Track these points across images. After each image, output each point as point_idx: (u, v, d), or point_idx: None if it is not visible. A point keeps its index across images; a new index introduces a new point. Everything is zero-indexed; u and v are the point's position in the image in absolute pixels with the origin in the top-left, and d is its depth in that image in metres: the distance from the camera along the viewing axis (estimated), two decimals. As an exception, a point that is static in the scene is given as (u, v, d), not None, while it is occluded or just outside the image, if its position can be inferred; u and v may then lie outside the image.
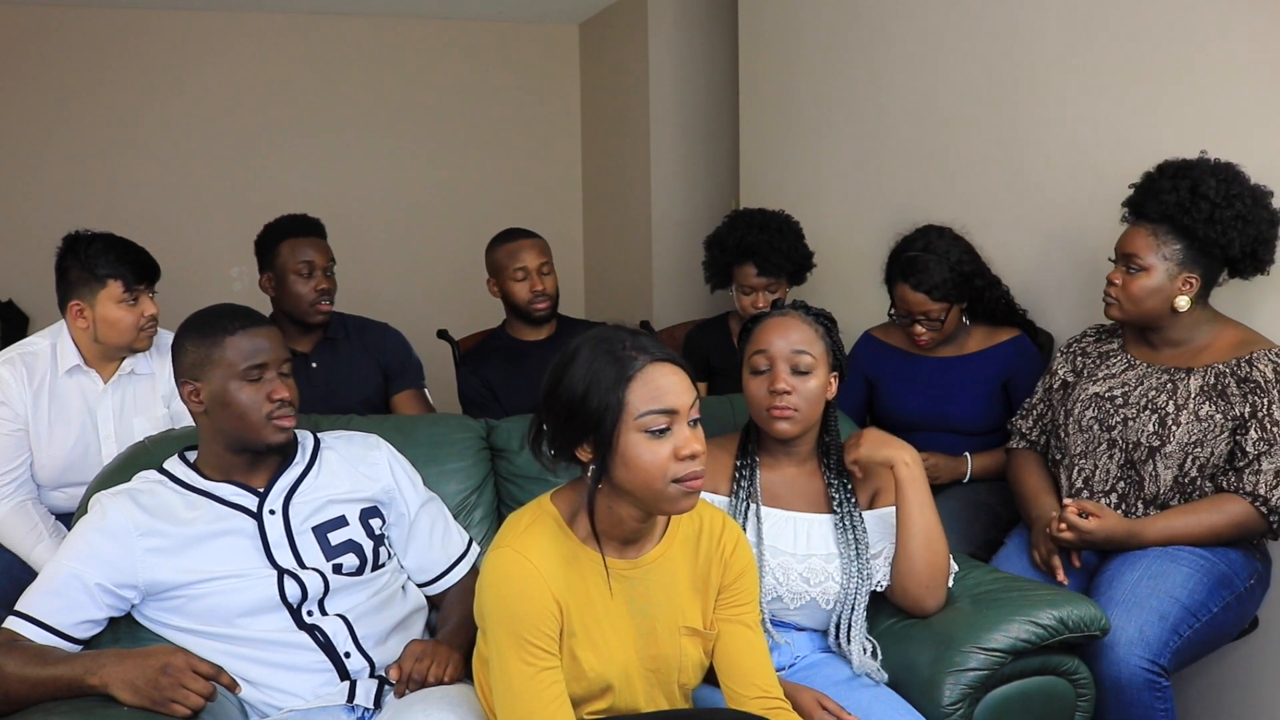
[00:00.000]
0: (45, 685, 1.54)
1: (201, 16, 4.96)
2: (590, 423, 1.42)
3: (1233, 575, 1.96)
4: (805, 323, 1.88)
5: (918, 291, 2.45)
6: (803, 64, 3.47)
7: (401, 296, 4.93)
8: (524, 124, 5.47)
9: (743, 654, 1.59)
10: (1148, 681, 1.80)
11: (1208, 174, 1.98)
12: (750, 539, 1.84)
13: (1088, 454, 2.12)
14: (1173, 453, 2.01)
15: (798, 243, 2.89)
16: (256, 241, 2.85)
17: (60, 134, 4.85)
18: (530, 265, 2.83)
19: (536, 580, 1.43)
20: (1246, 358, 1.98)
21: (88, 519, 1.71)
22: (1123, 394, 2.09)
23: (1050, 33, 2.53)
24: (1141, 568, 1.93)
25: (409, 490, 1.92)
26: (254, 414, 1.72)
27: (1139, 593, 1.88)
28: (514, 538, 1.48)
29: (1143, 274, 2.02)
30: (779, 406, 1.83)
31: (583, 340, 1.48)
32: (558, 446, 1.47)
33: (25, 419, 2.37)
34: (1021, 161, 2.65)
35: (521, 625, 1.42)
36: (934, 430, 2.56)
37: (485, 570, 1.48)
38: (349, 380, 2.82)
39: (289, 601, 1.72)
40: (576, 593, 1.49)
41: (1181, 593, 1.88)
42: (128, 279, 2.35)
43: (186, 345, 1.75)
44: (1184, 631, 1.85)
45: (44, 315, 4.15)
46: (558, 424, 1.46)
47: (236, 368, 1.71)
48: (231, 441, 1.76)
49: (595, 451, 1.44)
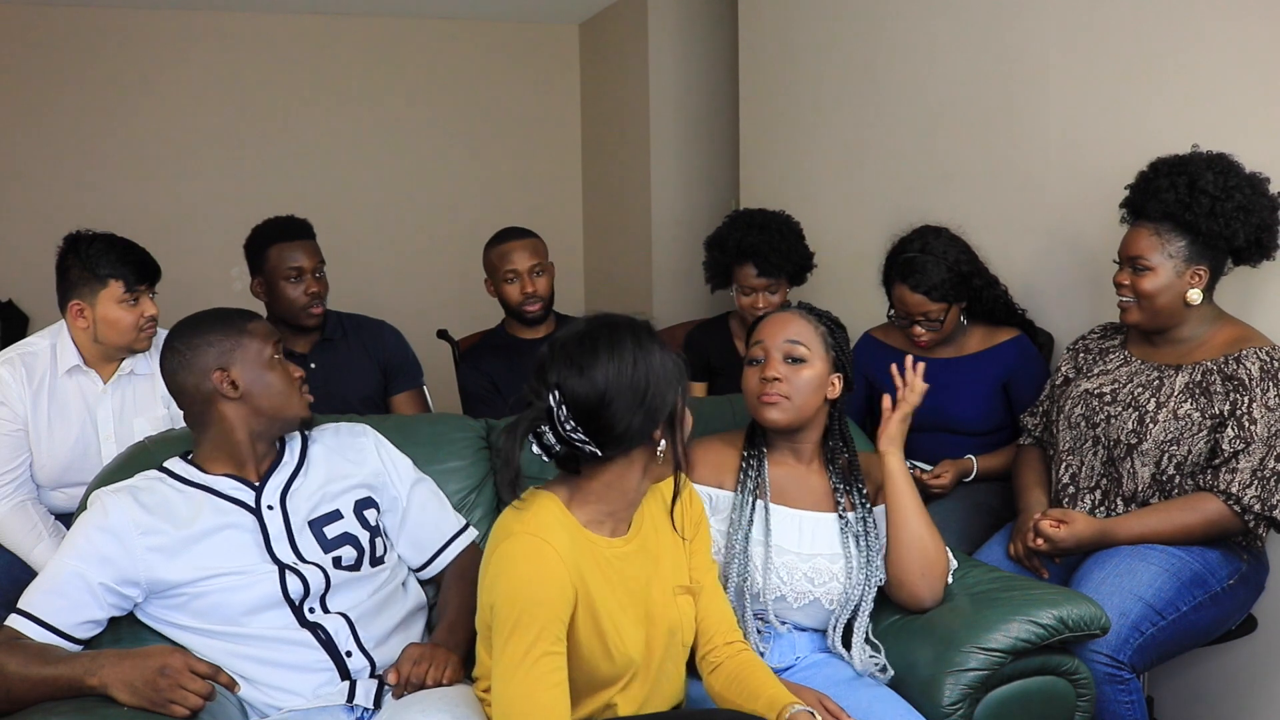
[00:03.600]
0: (45, 685, 1.54)
1: (202, 16, 4.96)
2: (675, 396, 1.51)
3: (1207, 574, 1.95)
4: (804, 318, 1.89)
5: (916, 292, 2.45)
6: (802, 64, 3.47)
7: (401, 296, 4.93)
8: (524, 124, 5.47)
9: (713, 610, 1.68)
10: (1107, 675, 1.83)
11: (1204, 168, 1.98)
12: (757, 535, 1.85)
13: (1075, 450, 2.14)
14: (1149, 450, 2.01)
15: (798, 243, 2.89)
16: (245, 246, 2.83)
17: (60, 134, 4.85)
18: (521, 268, 2.84)
19: (557, 565, 1.45)
20: (1235, 355, 1.98)
21: (89, 517, 1.70)
22: (1111, 391, 2.10)
23: (1048, 33, 2.53)
24: (1110, 566, 1.94)
25: (398, 473, 1.92)
26: (290, 389, 1.80)
27: (1103, 590, 1.89)
28: (528, 524, 1.48)
29: (1149, 273, 2.02)
30: (768, 393, 1.84)
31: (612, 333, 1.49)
32: (632, 434, 1.48)
33: (25, 419, 2.36)
34: (1020, 161, 2.65)
35: (541, 610, 1.43)
36: (934, 430, 2.56)
37: (502, 556, 1.47)
38: (349, 379, 2.81)
39: (290, 598, 1.73)
40: (590, 577, 1.51)
41: (1147, 591, 1.88)
42: (129, 279, 2.35)
43: (204, 340, 1.75)
44: (1146, 629, 1.86)
45: (44, 315, 4.15)
46: (640, 409, 1.47)
47: (266, 346, 1.79)
48: (262, 425, 1.78)
49: (667, 426, 1.52)
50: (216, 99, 5.02)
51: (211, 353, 1.75)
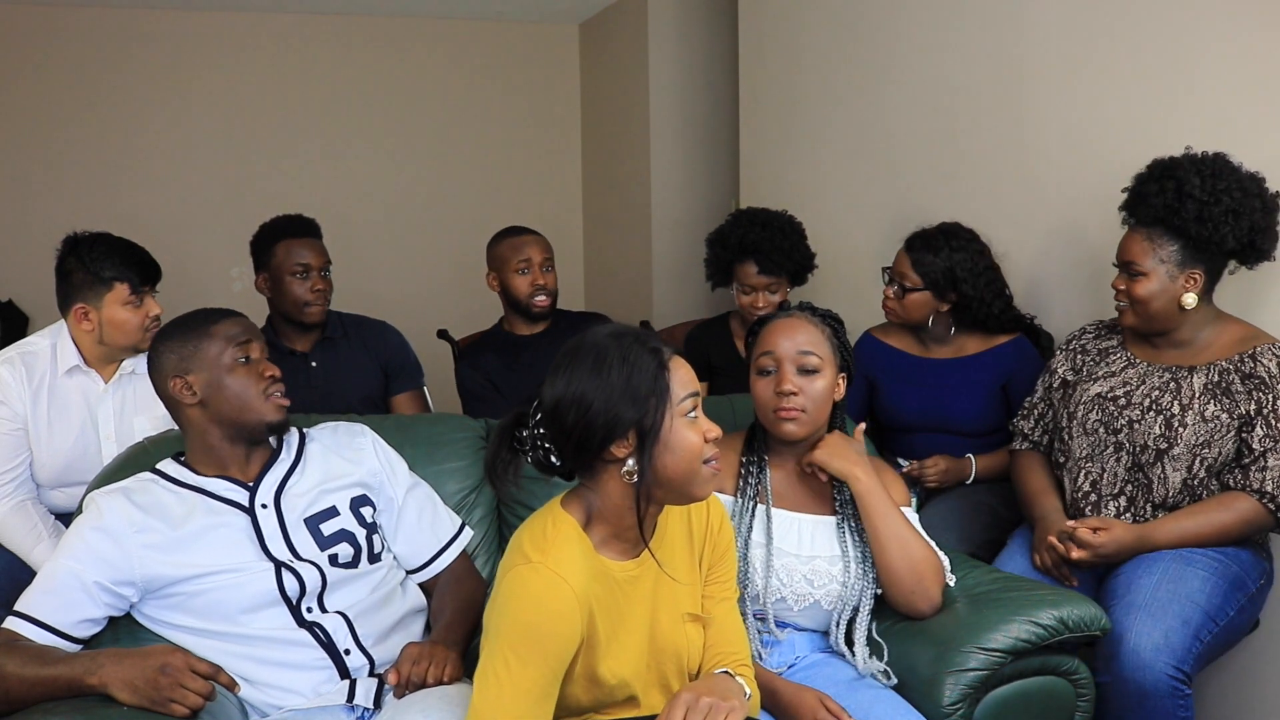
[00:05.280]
0: (44, 685, 1.54)
1: (202, 16, 4.96)
2: (639, 412, 1.41)
3: (1244, 576, 1.95)
4: (812, 324, 1.87)
5: (909, 254, 2.50)
6: (802, 63, 3.47)
7: (401, 296, 4.93)
8: (524, 124, 5.47)
9: (727, 631, 1.63)
10: (1172, 689, 1.78)
11: (1192, 172, 1.96)
12: (758, 539, 1.84)
13: (1094, 457, 2.11)
14: (1181, 454, 1.99)
15: (799, 243, 2.89)
16: (252, 242, 2.84)
17: (60, 134, 4.85)
18: (535, 259, 2.86)
19: (571, 602, 1.40)
20: (1249, 353, 1.97)
21: (84, 518, 1.71)
22: (1125, 394, 2.07)
23: (1052, 31, 2.53)
24: (1158, 571, 1.91)
25: (395, 475, 1.92)
26: (252, 392, 1.76)
27: (1160, 597, 1.85)
28: (544, 552, 1.42)
29: (1143, 279, 2.01)
30: (785, 408, 1.82)
31: (593, 340, 1.45)
32: (582, 448, 1.42)
33: (25, 419, 2.37)
34: (1023, 160, 2.64)
35: (546, 647, 1.39)
36: (933, 431, 2.56)
37: (515, 584, 1.42)
38: (349, 379, 2.82)
39: (288, 596, 1.73)
40: (601, 604, 1.47)
41: (1200, 596, 1.86)
42: (134, 281, 2.35)
43: (168, 345, 1.77)
44: (1205, 637, 1.84)
45: (44, 315, 4.15)
46: (588, 423, 1.41)
47: (226, 349, 1.76)
48: (229, 429, 1.77)
49: (637, 443, 1.42)
50: (216, 99, 5.02)
51: (172, 359, 1.76)
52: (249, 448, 1.80)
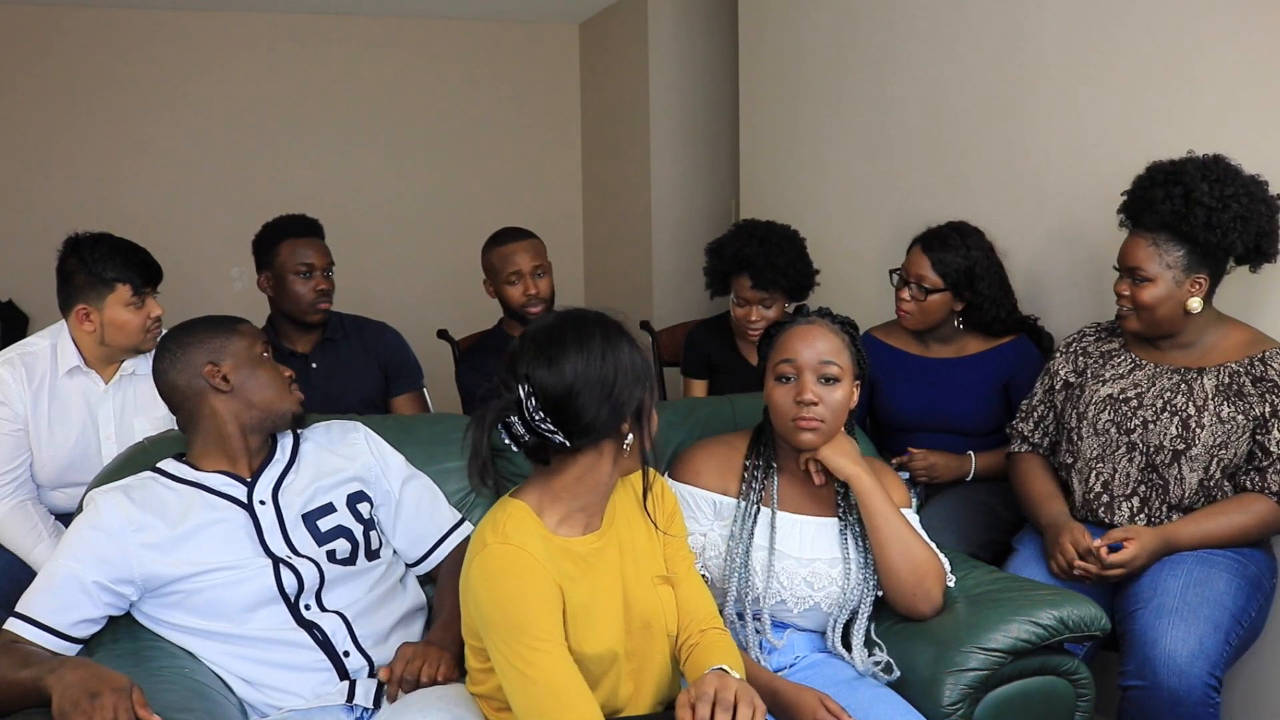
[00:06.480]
0: (18, 688, 1.53)
1: (202, 16, 4.96)
2: (643, 390, 1.52)
3: (1261, 576, 1.96)
4: (832, 331, 1.85)
5: (926, 254, 2.48)
6: (802, 64, 3.47)
7: (401, 297, 4.93)
8: (524, 124, 5.47)
9: (694, 590, 1.68)
10: (1206, 695, 1.78)
11: (1199, 177, 1.95)
12: (760, 542, 1.84)
13: (1105, 458, 2.09)
14: (1198, 455, 1.98)
15: (798, 259, 2.83)
16: (255, 241, 2.84)
17: (60, 134, 4.85)
18: (524, 268, 2.82)
19: (535, 568, 1.47)
20: (1259, 356, 1.97)
21: (83, 517, 1.72)
22: (1136, 395, 2.06)
23: (1053, 33, 2.53)
24: (1183, 574, 1.90)
25: (389, 467, 1.93)
26: (279, 384, 1.84)
27: (1189, 601, 1.84)
28: (502, 534, 1.49)
29: (1149, 285, 2.00)
30: (805, 418, 1.80)
31: (590, 325, 1.54)
32: (599, 427, 1.49)
33: (25, 419, 2.37)
34: (1024, 162, 2.64)
35: (530, 615, 1.43)
36: (934, 430, 2.56)
37: (477, 572, 1.48)
38: (349, 380, 2.82)
39: (286, 593, 1.73)
40: (571, 580, 1.51)
41: (1226, 599, 1.86)
42: (136, 282, 2.35)
43: (193, 339, 1.80)
44: (1233, 640, 1.84)
45: (44, 315, 4.15)
46: (615, 402, 1.49)
47: (255, 343, 1.84)
48: (254, 418, 1.81)
49: (634, 418, 1.53)
50: (216, 99, 5.02)
51: (203, 349, 1.80)
52: (262, 440, 1.83)
